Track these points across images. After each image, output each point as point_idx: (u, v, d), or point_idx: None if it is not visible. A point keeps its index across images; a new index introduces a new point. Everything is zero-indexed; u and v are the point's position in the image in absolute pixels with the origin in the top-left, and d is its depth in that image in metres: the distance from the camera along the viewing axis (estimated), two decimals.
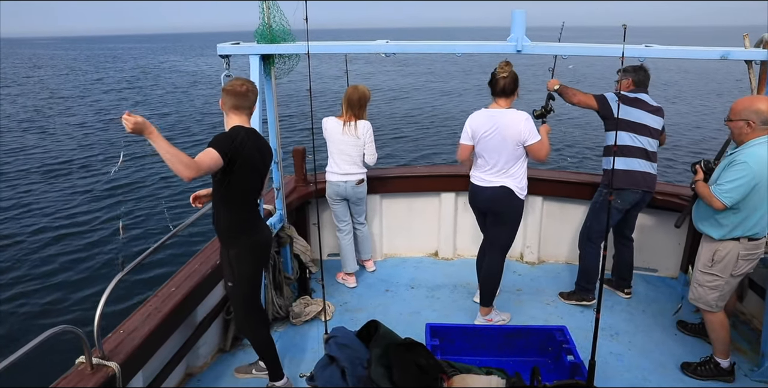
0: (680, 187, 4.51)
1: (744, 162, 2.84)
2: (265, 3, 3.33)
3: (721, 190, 2.89)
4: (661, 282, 4.46)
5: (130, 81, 29.77)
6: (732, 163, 2.89)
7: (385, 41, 3.41)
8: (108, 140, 14.23)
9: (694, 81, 25.92)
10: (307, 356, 3.47)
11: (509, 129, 3.38)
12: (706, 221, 3.10)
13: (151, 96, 23.23)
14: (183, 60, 48.59)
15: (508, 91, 3.42)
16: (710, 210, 3.03)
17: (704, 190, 3.01)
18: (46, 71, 37.04)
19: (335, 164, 4.14)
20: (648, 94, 3.82)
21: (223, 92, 2.71)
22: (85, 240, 7.93)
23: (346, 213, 4.33)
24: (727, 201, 2.88)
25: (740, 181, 2.83)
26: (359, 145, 4.08)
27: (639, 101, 3.74)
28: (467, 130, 3.53)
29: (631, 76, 3.80)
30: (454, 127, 14.75)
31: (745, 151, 2.88)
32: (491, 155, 3.47)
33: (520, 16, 3.17)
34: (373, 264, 4.68)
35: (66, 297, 6.31)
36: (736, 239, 2.99)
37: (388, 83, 24.88)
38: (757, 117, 2.84)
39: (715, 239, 3.04)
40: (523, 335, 3.33)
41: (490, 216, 3.69)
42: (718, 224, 3.02)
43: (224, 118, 2.75)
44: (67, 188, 10.29)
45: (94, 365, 2.31)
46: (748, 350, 3.53)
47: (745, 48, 3.22)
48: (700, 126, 15.36)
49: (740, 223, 2.95)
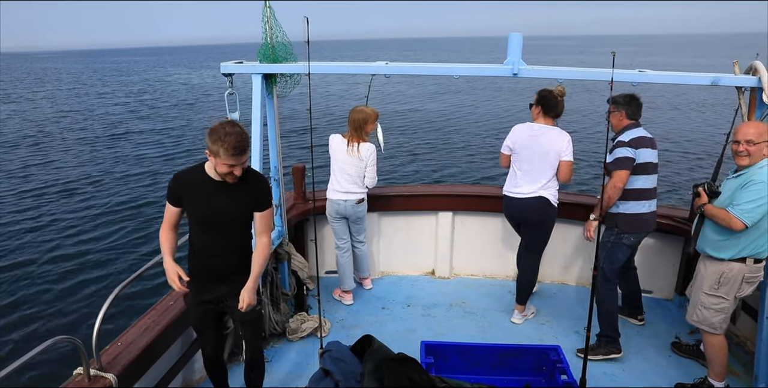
0: (674, 209, 4.56)
1: (762, 182, 2.87)
2: (268, 24, 3.44)
3: (742, 211, 2.89)
4: (656, 304, 4.48)
5: (136, 94, 30.01)
6: (749, 184, 2.91)
7: (385, 62, 3.50)
8: (113, 157, 14.31)
9: (680, 101, 26.19)
10: (303, 372, 3.48)
11: (554, 144, 3.73)
12: (716, 244, 3.09)
13: (160, 108, 23.40)
14: (188, 72, 49.04)
15: (560, 113, 3.81)
16: (721, 233, 3.04)
17: (720, 212, 2.99)
18: (52, 85, 37.37)
19: (336, 182, 4.20)
20: (641, 126, 3.64)
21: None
22: (85, 252, 7.96)
23: (345, 231, 4.38)
24: (748, 221, 2.88)
25: (761, 201, 2.86)
26: (361, 166, 4.14)
27: (643, 140, 3.53)
28: (507, 141, 3.90)
29: (623, 108, 3.60)
30: (463, 141, 14.88)
31: (760, 171, 2.91)
32: (529, 167, 3.79)
33: (516, 39, 3.26)
34: (371, 282, 4.70)
35: (65, 308, 6.32)
36: (743, 260, 3.01)
37: (398, 98, 24.98)
38: None
39: (724, 259, 3.04)
40: (518, 354, 3.34)
41: (524, 225, 4.02)
42: (729, 246, 3.03)
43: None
44: (68, 202, 10.34)
45: (91, 376, 2.34)
46: (741, 372, 3.55)
47: (735, 75, 3.30)
48: (686, 146, 15.41)
49: (751, 242, 2.97)
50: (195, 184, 2.52)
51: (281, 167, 3.94)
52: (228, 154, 2.32)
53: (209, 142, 2.34)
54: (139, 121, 19.72)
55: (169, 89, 31.77)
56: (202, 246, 2.60)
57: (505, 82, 27.29)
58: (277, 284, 3.93)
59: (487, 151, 14.04)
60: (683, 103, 23.14)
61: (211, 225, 2.56)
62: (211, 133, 2.34)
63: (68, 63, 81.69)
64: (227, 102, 3.49)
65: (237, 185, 2.50)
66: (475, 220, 4.80)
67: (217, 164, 2.39)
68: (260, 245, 2.66)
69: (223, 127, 2.33)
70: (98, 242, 8.33)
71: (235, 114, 3.52)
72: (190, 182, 2.53)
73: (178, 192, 2.53)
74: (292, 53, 3.53)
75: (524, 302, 4.17)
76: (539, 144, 3.74)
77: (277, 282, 3.93)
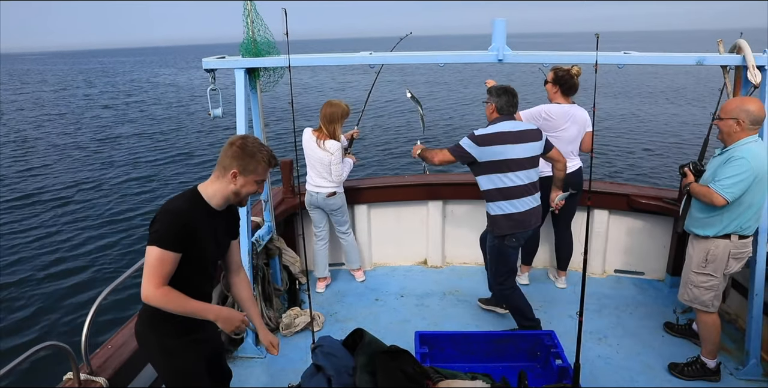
0: (663, 190, 4.58)
1: (742, 158, 2.89)
2: (249, 17, 3.38)
3: (722, 186, 2.91)
4: (647, 285, 4.51)
5: (126, 95, 29.52)
6: (730, 160, 2.93)
7: (369, 53, 3.46)
8: (100, 162, 14.15)
9: (668, 85, 26.27)
10: (297, 367, 3.45)
11: (584, 119, 4.07)
12: (700, 221, 3.13)
13: (148, 111, 23.05)
14: (176, 73, 48.44)
15: (577, 90, 4.05)
16: (704, 210, 3.07)
17: (702, 188, 3.03)
18: (34, 88, 36.82)
19: (309, 175, 4.23)
20: (514, 119, 3.48)
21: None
22: (72, 256, 7.89)
23: (321, 220, 4.38)
24: (729, 196, 2.90)
25: (741, 176, 2.88)
26: (326, 163, 4.09)
27: (502, 136, 3.32)
28: (537, 114, 3.99)
29: (494, 101, 3.43)
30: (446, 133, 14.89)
31: (741, 148, 2.94)
32: (567, 144, 4.01)
33: (500, 25, 3.22)
34: (363, 274, 4.69)
35: (54, 312, 6.27)
36: (727, 236, 3.04)
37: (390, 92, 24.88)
38: (746, 116, 2.90)
39: (710, 236, 3.07)
40: (512, 341, 3.35)
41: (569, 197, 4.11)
42: (713, 223, 3.05)
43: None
44: (55, 206, 10.23)
45: (81, 380, 2.32)
46: (733, 349, 3.58)
47: (719, 53, 3.30)
48: (675, 129, 15.50)
49: (734, 219, 3.00)
50: (204, 219, 2.08)
51: None
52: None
53: (240, 162, 2.04)
54: (127, 124, 19.39)
55: (157, 91, 31.29)
56: (196, 286, 2.17)
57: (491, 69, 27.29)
58: (269, 280, 3.92)
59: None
60: (671, 88, 23.28)
61: (214, 263, 2.25)
62: (242, 149, 2.05)
63: (51, 64, 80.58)
64: (210, 98, 3.45)
65: (225, 211, 2.20)
66: (466, 207, 4.80)
67: (246, 185, 2.09)
68: (246, 279, 2.44)
69: (249, 141, 2.08)
70: (85, 246, 8.25)
71: (218, 110, 3.48)
72: (199, 219, 2.06)
73: (190, 235, 2.01)
74: (274, 47, 3.48)
75: (566, 268, 4.55)
76: (573, 122, 4.01)
77: (269, 277, 3.92)
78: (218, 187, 2.10)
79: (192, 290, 2.07)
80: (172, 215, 1.99)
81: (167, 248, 1.95)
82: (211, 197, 2.11)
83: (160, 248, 1.95)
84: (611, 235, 4.61)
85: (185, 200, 2.08)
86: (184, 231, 1.98)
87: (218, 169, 2.09)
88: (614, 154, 12.77)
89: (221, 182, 2.09)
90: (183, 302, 2.01)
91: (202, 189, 2.11)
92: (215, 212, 2.12)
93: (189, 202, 2.08)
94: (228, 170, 2.06)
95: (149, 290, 1.95)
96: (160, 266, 1.96)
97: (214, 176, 2.11)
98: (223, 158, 2.08)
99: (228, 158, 2.06)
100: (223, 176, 2.08)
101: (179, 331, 2.16)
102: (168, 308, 2.00)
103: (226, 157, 2.07)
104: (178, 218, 1.99)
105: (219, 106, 3.46)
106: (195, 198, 2.09)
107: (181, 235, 1.97)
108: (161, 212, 2.01)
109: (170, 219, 1.98)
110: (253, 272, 3.62)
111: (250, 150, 2.06)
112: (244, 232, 3.48)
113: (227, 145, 2.09)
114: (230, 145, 2.08)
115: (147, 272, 1.96)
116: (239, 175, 2.06)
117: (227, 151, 2.07)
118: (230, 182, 2.07)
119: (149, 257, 1.96)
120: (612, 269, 4.71)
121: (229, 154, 2.06)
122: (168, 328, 2.14)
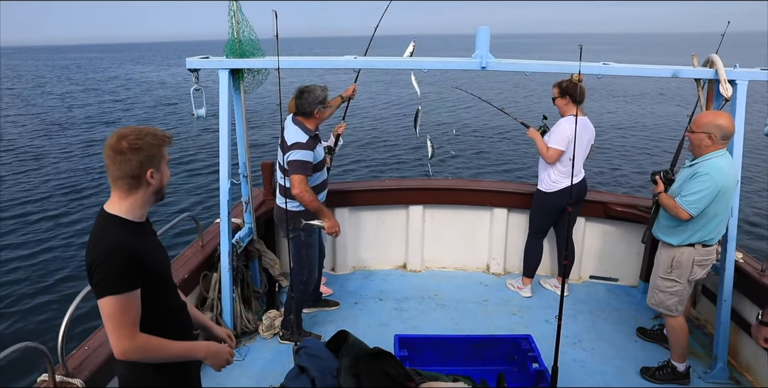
0: (638, 198, 4.70)
1: (707, 174, 3.01)
2: (234, 18, 3.37)
3: (687, 202, 3.05)
4: (621, 291, 4.62)
5: (111, 93, 28.86)
6: (695, 175, 3.05)
7: (353, 57, 3.48)
8: (83, 163, 13.84)
9: (645, 90, 26.90)
10: (277, 369, 3.45)
11: (591, 133, 4.22)
12: (666, 230, 3.26)
13: (134, 110, 22.54)
14: (160, 70, 47.61)
15: (585, 95, 4.07)
16: (671, 219, 3.20)
17: (669, 201, 3.16)
18: (11, 83, 35.79)
19: None
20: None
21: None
22: (49, 255, 7.72)
23: None
24: (693, 211, 3.04)
25: (704, 192, 3.00)
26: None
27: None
28: (566, 139, 4.01)
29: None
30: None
31: (706, 164, 3.05)
32: (580, 156, 4.11)
33: (484, 33, 3.28)
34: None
35: (30, 313, 6.12)
36: (692, 245, 3.17)
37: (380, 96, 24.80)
38: (718, 131, 3.01)
39: (674, 245, 3.20)
40: (490, 345, 3.40)
41: (575, 206, 4.31)
42: (678, 232, 3.19)
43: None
44: (32, 201, 10.00)
45: (57, 382, 2.27)
46: (702, 353, 3.69)
47: (694, 67, 3.41)
48: (652, 134, 15.85)
49: (698, 230, 3.13)
50: (139, 238, 1.81)
51: (249, 163, 3.88)
52: (166, 145, 1.86)
53: (147, 159, 1.77)
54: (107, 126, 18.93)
55: (141, 89, 30.66)
56: (174, 303, 1.99)
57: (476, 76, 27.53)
58: (248, 282, 3.90)
59: (456, 143, 14.17)
60: (649, 96, 23.83)
61: (170, 276, 2.00)
62: (137, 147, 1.75)
63: (23, 59, 78.41)
64: (193, 98, 3.42)
65: (145, 222, 1.91)
66: (446, 213, 4.85)
67: (164, 175, 1.85)
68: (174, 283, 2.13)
69: (130, 136, 1.76)
70: (63, 245, 8.07)
71: (201, 110, 3.45)
72: (137, 240, 1.78)
73: (140, 261, 1.74)
74: (259, 48, 3.48)
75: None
76: (587, 133, 4.14)
77: (248, 279, 3.90)
78: (135, 198, 1.80)
79: (169, 309, 1.92)
80: (112, 253, 1.69)
81: (124, 290, 1.69)
82: (130, 211, 1.81)
83: (115, 294, 1.67)
84: (587, 242, 4.71)
85: (110, 229, 1.77)
86: (134, 261, 1.71)
87: (122, 183, 1.78)
88: (592, 162, 13.02)
89: (137, 193, 1.80)
90: (166, 347, 1.80)
91: (115, 209, 1.80)
92: (140, 225, 1.85)
93: (117, 229, 1.76)
94: (141, 177, 1.78)
95: (124, 345, 1.70)
96: (125, 313, 1.69)
97: (121, 192, 1.79)
98: (122, 168, 1.75)
99: (129, 166, 1.75)
100: (136, 187, 1.79)
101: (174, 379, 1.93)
102: (150, 358, 1.78)
103: (126, 166, 1.75)
104: (119, 252, 1.70)
105: (202, 106, 3.44)
106: (116, 222, 1.78)
107: (132, 268, 1.71)
108: (97, 258, 1.69)
109: (113, 259, 1.68)
110: (233, 273, 3.59)
111: (143, 142, 1.76)
112: (225, 233, 3.47)
113: (114, 154, 1.75)
114: (120, 153, 1.74)
115: (113, 327, 1.69)
116: (155, 172, 1.80)
117: (121, 159, 1.74)
118: (148, 185, 1.80)
119: (109, 310, 1.68)
120: (587, 275, 4.80)
121: (128, 159, 1.74)
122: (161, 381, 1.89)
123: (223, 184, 3.42)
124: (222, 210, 3.47)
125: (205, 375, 3.32)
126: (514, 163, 12.74)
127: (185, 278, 3.37)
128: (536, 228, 4.41)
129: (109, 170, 1.77)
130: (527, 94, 25.33)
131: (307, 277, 3.63)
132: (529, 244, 4.46)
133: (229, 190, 3.46)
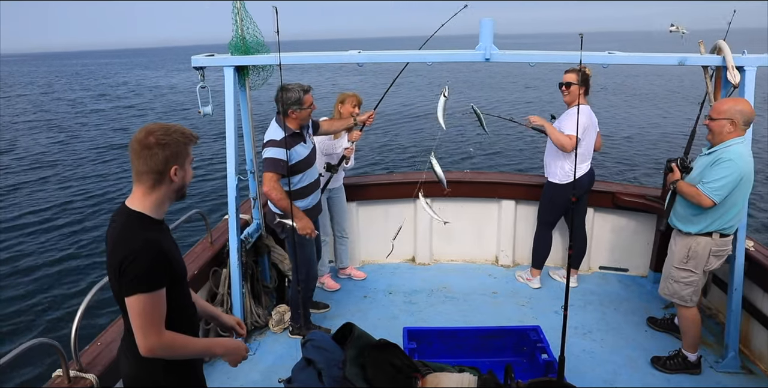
0: (646, 188, 4.66)
1: (730, 160, 2.94)
2: (238, 15, 3.39)
3: (711, 188, 2.97)
4: (631, 281, 4.59)
5: (120, 98, 28.99)
6: (718, 161, 2.98)
7: (357, 51, 3.48)
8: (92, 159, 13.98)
9: (652, 85, 26.57)
10: (286, 363, 3.49)
11: (596, 121, 4.24)
12: (684, 218, 3.19)
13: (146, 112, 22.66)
14: (167, 75, 47.77)
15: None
16: (689, 207, 3.13)
17: (690, 189, 3.07)
18: (20, 90, 36.12)
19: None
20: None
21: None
22: (63, 251, 7.84)
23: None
24: (717, 198, 2.96)
25: (729, 178, 2.93)
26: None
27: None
28: (580, 127, 3.94)
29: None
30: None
31: (729, 150, 2.98)
32: (589, 145, 4.18)
33: (488, 24, 3.25)
34: (354, 271, 4.73)
35: (43, 309, 6.22)
36: (709, 234, 3.11)
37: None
38: (741, 116, 2.95)
39: (692, 233, 3.14)
40: (499, 336, 3.40)
41: (584, 196, 4.34)
42: (697, 220, 3.12)
43: None
44: (45, 198, 10.13)
45: (71, 377, 2.31)
46: (713, 342, 3.67)
47: (701, 54, 3.37)
48: (659, 126, 15.66)
49: (717, 218, 3.06)
50: (164, 236, 1.84)
51: (256, 159, 3.91)
52: (192, 144, 1.87)
53: (172, 155, 1.78)
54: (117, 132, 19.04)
55: (150, 95, 30.78)
56: (188, 301, 2.00)
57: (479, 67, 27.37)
58: (258, 277, 3.93)
59: (455, 136, 14.08)
60: (654, 87, 23.53)
61: (186, 274, 1.99)
62: (163, 143, 1.75)
63: (35, 66, 79.06)
64: (199, 96, 3.45)
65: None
66: (453, 205, 4.84)
67: (187, 173, 1.87)
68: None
69: (157, 132, 1.77)
70: (76, 242, 8.20)
71: (207, 108, 3.47)
72: (163, 238, 1.81)
73: (168, 260, 1.77)
74: (263, 45, 3.50)
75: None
76: (593, 124, 4.17)
77: (258, 275, 3.93)
78: (158, 195, 1.80)
79: (184, 313, 1.93)
80: (142, 251, 1.69)
81: (155, 288, 1.70)
82: (153, 209, 1.81)
83: (147, 292, 1.69)
84: (596, 232, 4.69)
85: (136, 227, 1.76)
86: (163, 260, 1.73)
87: (147, 178, 1.77)
88: (599, 152, 12.89)
89: (159, 189, 1.80)
90: (190, 344, 1.83)
91: (139, 206, 1.80)
92: (161, 222, 1.86)
93: (143, 227, 1.77)
94: (165, 172, 1.78)
95: (153, 342, 1.71)
96: (154, 311, 1.71)
97: (145, 188, 1.79)
98: (148, 163, 1.75)
99: (155, 161, 1.75)
100: (159, 182, 1.79)
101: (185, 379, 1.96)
102: (174, 355, 1.80)
103: (152, 161, 1.75)
104: (150, 249, 1.71)
105: (209, 104, 3.46)
106: (141, 219, 1.78)
107: (160, 266, 1.73)
108: (127, 256, 1.68)
109: (144, 257, 1.68)
110: (242, 269, 3.63)
111: (170, 138, 1.76)
112: (233, 229, 3.50)
113: (141, 148, 1.75)
114: (147, 147, 1.74)
115: (142, 324, 1.70)
116: (179, 169, 1.80)
117: (148, 153, 1.74)
118: (171, 182, 1.80)
119: (138, 308, 1.69)
120: (597, 266, 4.79)
121: (155, 153, 1.75)
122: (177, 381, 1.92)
123: (230, 180, 3.46)
124: (230, 206, 3.50)
125: (216, 369, 3.39)
126: (533, 160, 12.59)
127: (195, 274, 3.41)
128: (546, 220, 4.40)
129: (134, 165, 1.78)
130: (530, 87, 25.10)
131: (306, 275, 3.66)
132: (538, 235, 4.44)
133: (237, 187, 3.50)
